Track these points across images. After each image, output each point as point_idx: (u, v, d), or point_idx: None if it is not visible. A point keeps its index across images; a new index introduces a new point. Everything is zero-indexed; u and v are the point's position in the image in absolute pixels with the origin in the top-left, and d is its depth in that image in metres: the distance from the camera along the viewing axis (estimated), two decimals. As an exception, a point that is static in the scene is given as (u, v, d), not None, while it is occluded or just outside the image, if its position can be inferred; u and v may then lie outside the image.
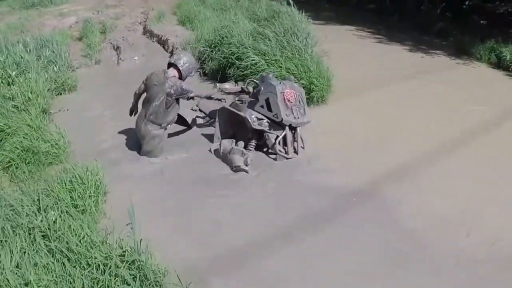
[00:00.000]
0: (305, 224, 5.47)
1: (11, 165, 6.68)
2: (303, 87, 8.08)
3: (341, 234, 5.28)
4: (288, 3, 12.09)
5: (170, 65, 7.01)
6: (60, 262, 4.18)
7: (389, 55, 13.31)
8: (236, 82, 8.66)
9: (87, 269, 4.13)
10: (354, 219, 5.57)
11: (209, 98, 7.83)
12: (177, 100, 6.94)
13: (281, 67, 9.10)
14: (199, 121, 7.96)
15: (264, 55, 9.47)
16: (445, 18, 16.82)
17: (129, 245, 4.45)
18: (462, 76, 11.61)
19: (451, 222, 5.51)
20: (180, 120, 7.49)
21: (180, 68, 6.92)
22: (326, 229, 5.36)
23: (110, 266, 4.13)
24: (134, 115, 7.32)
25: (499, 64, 12.68)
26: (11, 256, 4.13)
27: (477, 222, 5.52)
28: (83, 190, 5.57)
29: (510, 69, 12.27)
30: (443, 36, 15.66)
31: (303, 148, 7.24)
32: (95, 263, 4.17)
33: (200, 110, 8.02)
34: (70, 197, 5.40)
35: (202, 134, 7.70)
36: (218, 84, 7.74)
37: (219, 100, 7.83)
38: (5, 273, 3.91)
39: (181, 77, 6.95)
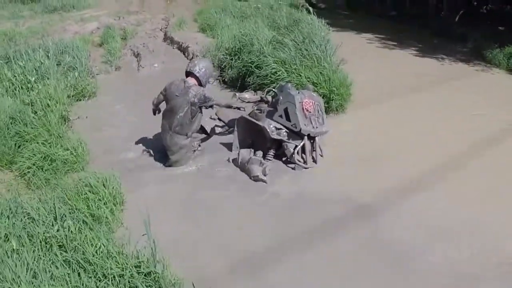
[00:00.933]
0: (310, 236, 5.45)
1: (29, 172, 6.69)
2: (323, 96, 8.04)
3: (340, 249, 5.21)
4: (308, 11, 12.07)
5: (188, 73, 7.00)
6: (76, 273, 4.16)
7: (408, 62, 13.28)
8: (255, 91, 8.64)
9: (103, 280, 4.11)
10: (356, 233, 5.48)
11: (229, 106, 7.81)
12: (200, 108, 6.93)
13: (300, 75, 9.05)
14: (218, 130, 7.94)
15: (284, 64, 9.43)
16: (464, 25, 16.69)
17: (145, 256, 4.41)
18: (480, 84, 11.48)
19: (453, 236, 5.42)
20: (200, 128, 7.48)
21: (198, 75, 6.90)
22: (327, 243, 5.31)
23: (126, 277, 4.11)
24: (158, 113, 7.27)
25: (518, 70, 12.53)
26: (27, 266, 4.13)
27: (478, 235, 5.43)
28: (99, 199, 5.57)
29: (530, 75, 12.10)
30: (462, 43, 15.52)
31: (321, 156, 7.21)
32: (111, 274, 4.15)
33: (219, 119, 8.00)
34: (87, 206, 5.39)
35: (221, 143, 7.67)
36: (237, 94, 7.72)
37: (238, 108, 7.81)
38: (21, 283, 3.91)
39: (200, 84, 6.94)
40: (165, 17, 18.10)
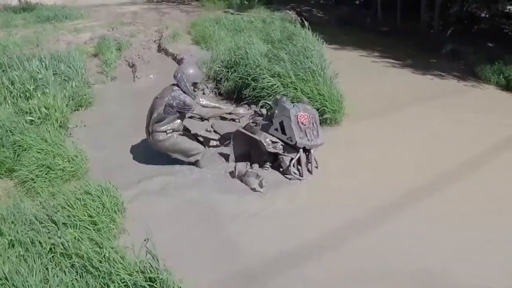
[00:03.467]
0: (302, 249, 5.56)
1: (28, 180, 6.76)
2: (317, 110, 8.17)
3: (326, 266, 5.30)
4: (302, 25, 12.22)
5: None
6: (84, 279, 4.25)
7: (401, 78, 13.39)
8: (249, 105, 8.75)
9: (110, 285, 4.20)
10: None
11: (223, 118, 7.93)
12: (181, 113, 7.01)
13: (296, 89, 9.20)
14: (213, 142, 8.05)
15: (280, 77, 9.55)
16: (455, 41, 16.93)
17: (149, 262, 4.53)
18: (471, 99, 11.67)
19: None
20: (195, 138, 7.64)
21: (176, 81, 7.01)
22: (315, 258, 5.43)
23: (132, 283, 4.21)
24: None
25: (508, 86, 12.73)
26: (35, 272, 4.21)
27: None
28: (100, 207, 5.67)
29: (519, 91, 12.36)
30: (452, 59, 15.75)
31: (316, 168, 7.37)
32: (118, 279, 4.24)
33: (215, 131, 8.09)
34: (88, 214, 5.48)
35: (218, 153, 7.80)
36: (231, 109, 7.82)
37: (233, 120, 7.94)
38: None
39: (184, 92, 6.99)
40: (158, 29, 18.10)
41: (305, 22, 12.18)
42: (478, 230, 6.00)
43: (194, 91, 7.12)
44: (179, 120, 7.12)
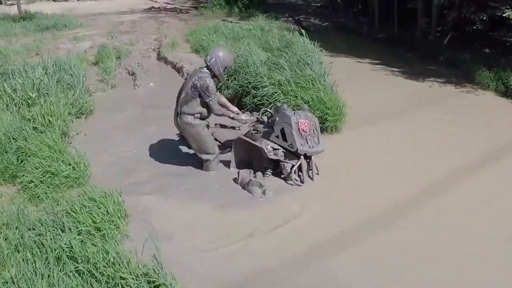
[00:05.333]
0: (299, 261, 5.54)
1: (31, 185, 6.79)
2: (318, 118, 8.20)
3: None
4: (300, 33, 12.30)
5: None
6: (88, 284, 4.29)
7: (399, 85, 13.44)
8: (251, 112, 8.80)
9: (116, 290, 4.26)
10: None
11: (223, 126, 7.98)
12: (200, 97, 7.04)
13: (296, 97, 9.23)
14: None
15: (280, 85, 9.59)
16: (452, 48, 17.00)
17: (152, 268, 4.55)
18: (471, 106, 11.73)
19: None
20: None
21: (208, 64, 7.10)
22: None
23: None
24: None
25: (507, 93, 12.77)
26: (42, 276, 4.25)
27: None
28: (103, 213, 5.70)
29: (517, 98, 12.45)
30: (450, 66, 15.77)
31: (317, 174, 7.42)
32: (123, 284, 4.29)
33: (215, 139, 8.12)
34: (92, 219, 5.51)
35: (220, 161, 7.78)
36: (234, 115, 7.85)
37: (234, 128, 7.99)
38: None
39: (214, 76, 7.11)
40: (157, 38, 18.20)
41: (303, 31, 12.27)
42: (479, 237, 6.03)
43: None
44: (204, 108, 7.19)
